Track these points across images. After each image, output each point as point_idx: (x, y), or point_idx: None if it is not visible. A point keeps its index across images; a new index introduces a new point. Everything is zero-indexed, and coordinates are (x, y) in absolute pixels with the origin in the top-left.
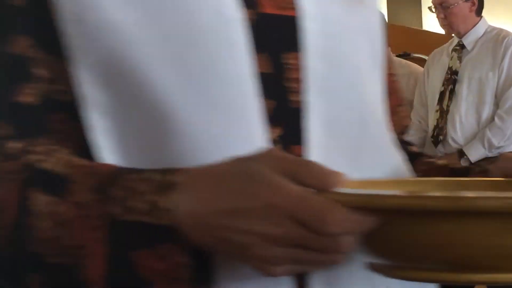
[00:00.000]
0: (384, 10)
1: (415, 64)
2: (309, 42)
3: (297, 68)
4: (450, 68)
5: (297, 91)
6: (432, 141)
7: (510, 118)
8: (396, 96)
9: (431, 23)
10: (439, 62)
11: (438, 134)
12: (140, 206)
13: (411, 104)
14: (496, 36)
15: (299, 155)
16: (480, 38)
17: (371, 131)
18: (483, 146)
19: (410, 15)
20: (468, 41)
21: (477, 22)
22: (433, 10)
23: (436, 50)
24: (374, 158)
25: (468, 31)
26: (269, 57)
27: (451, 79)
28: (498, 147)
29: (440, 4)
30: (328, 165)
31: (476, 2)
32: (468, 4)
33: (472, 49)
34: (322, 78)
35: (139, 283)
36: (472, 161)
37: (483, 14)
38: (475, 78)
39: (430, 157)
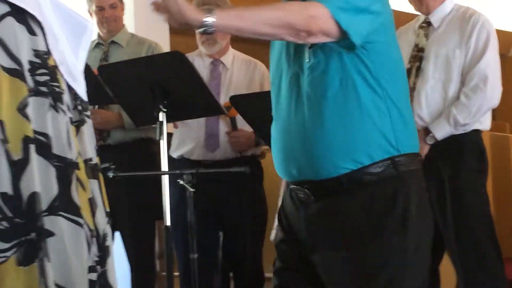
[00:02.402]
0: None
1: None
2: None
3: None
4: (416, 45)
5: None
6: None
7: (476, 95)
8: None
9: (396, 1)
10: (405, 39)
11: None
12: None
13: None
14: (463, 14)
15: None
16: (447, 15)
17: None
18: (449, 123)
19: None
20: (435, 18)
21: (445, 1)
22: None
23: (401, 28)
24: None
25: (436, 8)
26: None
27: (418, 56)
28: (464, 125)
29: None
30: None
31: None
32: None
33: (439, 26)
34: None
35: None
36: (438, 139)
37: None
38: (441, 55)
39: None
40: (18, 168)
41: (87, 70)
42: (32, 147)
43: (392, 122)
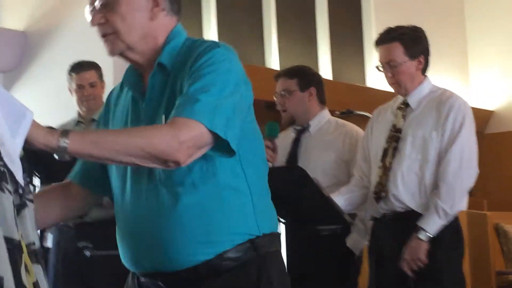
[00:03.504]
0: (329, 67)
1: (351, 124)
2: None
3: None
4: (394, 126)
5: None
6: (374, 197)
7: (456, 181)
8: None
9: (374, 80)
10: (384, 119)
11: (380, 191)
12: None
13: (346, 163)
14: (440, 96)
15: None
16: (424, 97)
17: None
18: (439, 216)
19: (354, 72)
20: (412, 100)
21: (423, 81)
22: (381, 69)
23: (380, 107)
24: None
25: (414, 90)
26: None
27: (395, 136)
28: (453, 213)
29: (388, 63)
30: None
31: (423, 61)
32: (415, 63)
33: (417, 107)
34: None
35: None
36: (432, 235)
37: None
38: (418, 137)
39: None
40: None
41: None
42: None
43: (253, 203)
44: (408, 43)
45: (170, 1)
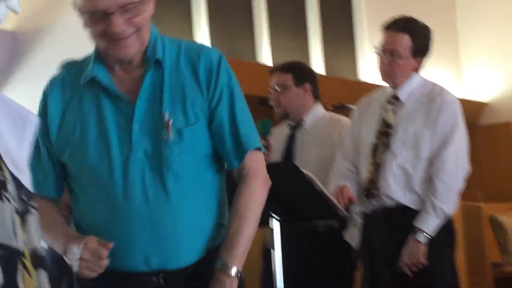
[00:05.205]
0: (321, 62)
1: (345, 118)
2: None
3: None
4: (384, 121)
5: None
6: (364, 194)
7: (452, 181)
8: None
9: (366, 74)
10: (371, 112)
11: (371, 188)
12: None
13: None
14: (431, 92)
15: None
16: (414, 90)
17: None
18: (437, 216)
19: (346, 66)
20: (402, 93)
21: (412, 76)
22: (380, 52)
23: (362, 99)
24: None
25: (402, 84)
26: None
27: (385, 132)
28: (451, 213)
29: (390, 51)
30: None
31: (421, 62)
32: (414, 62)
33: (407, 102)
34: None
35: None
36: (431, 235)
37: None
38: (409, 133)
39: None
40: None
41: None
42: None
43: (225, 200)
44: (417, 39)
45: None
